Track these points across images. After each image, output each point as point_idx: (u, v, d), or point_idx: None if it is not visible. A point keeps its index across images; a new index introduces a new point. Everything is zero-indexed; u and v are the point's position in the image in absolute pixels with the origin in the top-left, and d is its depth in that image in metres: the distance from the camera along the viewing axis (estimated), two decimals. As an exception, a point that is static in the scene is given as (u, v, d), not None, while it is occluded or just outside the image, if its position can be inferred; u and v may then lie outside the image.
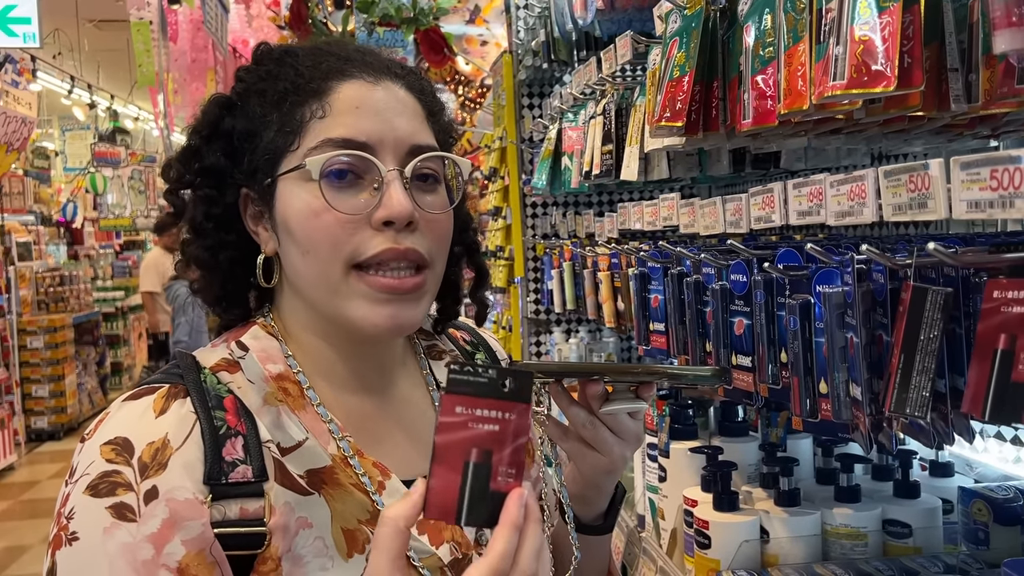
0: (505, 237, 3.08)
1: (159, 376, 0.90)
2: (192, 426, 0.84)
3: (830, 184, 0.96)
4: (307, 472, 0.88)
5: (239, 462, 0.84)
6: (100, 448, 0.82)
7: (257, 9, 7.67)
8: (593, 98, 2.00)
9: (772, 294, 1.13)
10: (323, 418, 0.92)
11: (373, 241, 0.88)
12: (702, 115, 1.31)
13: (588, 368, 0.97)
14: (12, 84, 8.03)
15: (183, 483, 0.81)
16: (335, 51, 0.96)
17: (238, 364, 0.92)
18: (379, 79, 0.93)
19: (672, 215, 1.51)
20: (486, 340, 1.19)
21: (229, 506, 0.83)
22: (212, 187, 0.95)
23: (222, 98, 0.97)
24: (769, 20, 1.14)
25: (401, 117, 0.91)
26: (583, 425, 0.97)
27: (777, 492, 1.46)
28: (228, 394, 0.89)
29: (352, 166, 0.88)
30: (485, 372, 0.67)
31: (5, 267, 8.11)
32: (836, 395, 0.95)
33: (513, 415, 0.67)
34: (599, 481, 1.06)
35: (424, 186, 0.92)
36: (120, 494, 0.79)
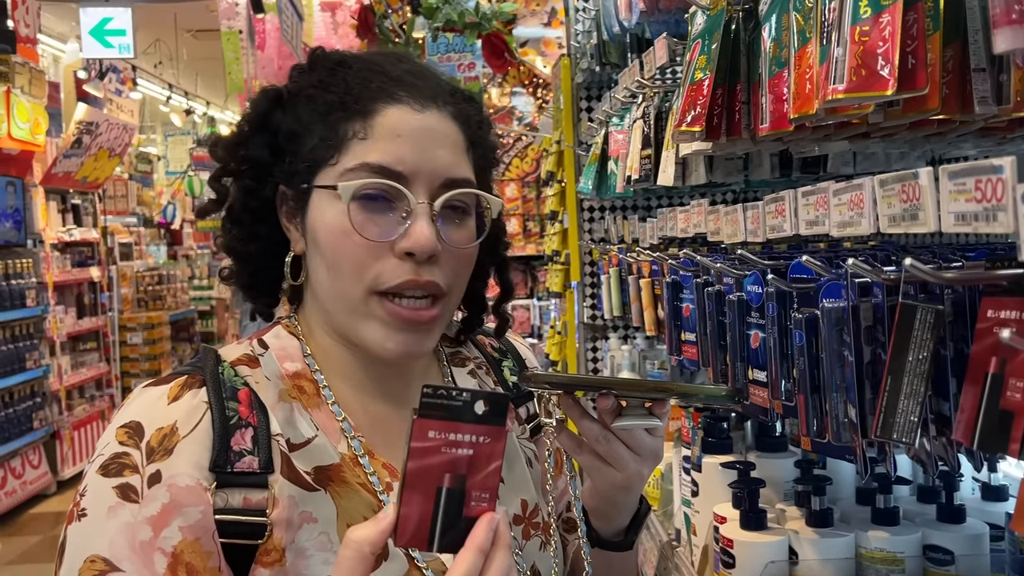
0: (562, 241, 3.05)
1: (183, 367, 0.93)
2: (203, 415, 0.87)
3: (833, 193, 0.91)
4: (315, 469, 0.89)
5: (246, 452, 0.86)
6: (116, 431, 0.85)
7: (342, 16, 7.86)
8: (636, 102, 1.96)
9: (785, 307, 1.08)
10: (336, 416, 0.94)
11: (394, 271, 0.89)
12: (724, 119, 1.27)
13: (597, 382, 0.94)
14: (115, 92, 8.47)
15: (186, 469, 0.83)
16: (387, 69, 0.96)
17: (257, 360, 0.94)
18: (425, 106, 0.93)
19: (702, 222, 1.46)
20: (515, 347, 1.19)
21: (233, 494, 0.85)
22: (253, 179, 0.97)
23: (273, 92, 0.98)
24: (784, 21, 1.09)
25: (440, 149, 0.92)
26: (597, 440, 0.95)
27: (809, 512, 1.39)
28: (244, 387, 0.91)
29: (383, 193, 0.90)
30: (459, 395, 0.66)
31: (108, 266, 8.54)
32: (835, 416, 0.90)
33: (487, 439, 0.66)
34: (615, 497, 1.03)
35: (453, 216, 0.93)
36: (127, 475, 0.82)
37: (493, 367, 1.13)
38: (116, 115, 7.86)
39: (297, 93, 0.96)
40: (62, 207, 7.59)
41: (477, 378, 1.09)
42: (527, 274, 6.88)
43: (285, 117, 0.96)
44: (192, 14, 9.10)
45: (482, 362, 1.12)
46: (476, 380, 1.09)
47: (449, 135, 0.94)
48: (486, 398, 0.66)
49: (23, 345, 6.69)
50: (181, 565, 0.81)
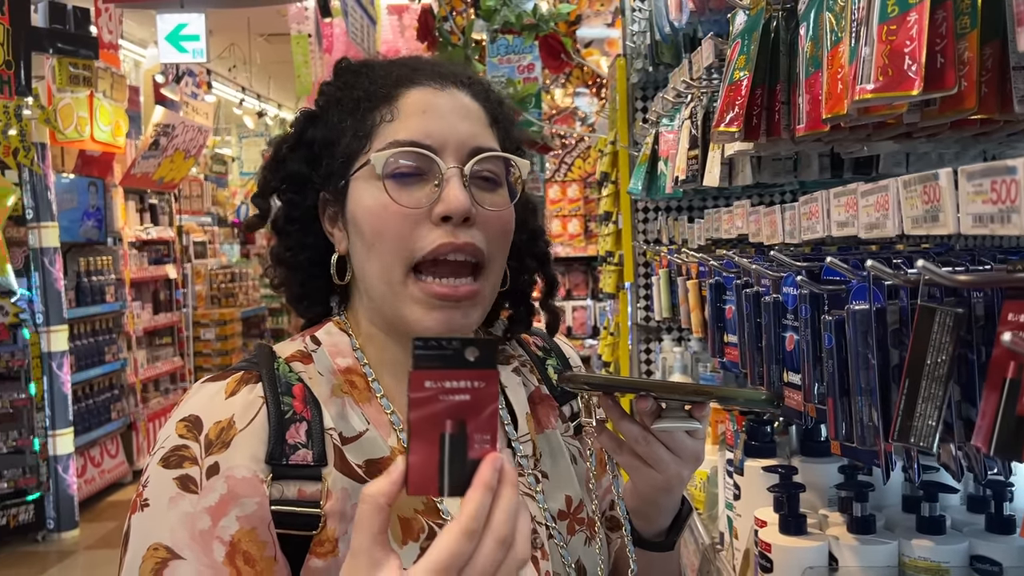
0: (615, 242, 3.05)
1: (240, 363, 0.96)
2: (259, 409, 0.90)
3: (861, 194, 0.90)
4: (366, 462, 0.92)
5: (300, 446, 0.89)
6: (176, 424, 0.89)
7: (409, 19, 7.98)
8: (685, 102, 1.95)
9: (819, 309, 1.07)
10: (386, 410, 0.96)
11: (431, 235, 0.92)
12: (764, 119, 1.26)
13: (636, 384, 0.95)
14: (191, 96, 8.75)
15: (243, 461, 0.87)
16: (407, 62, 1.02)
17: (311, 356, 0.98)
18: (445, 86, 0.98)
19: (744, 223, 1.45)
20: (559, 346, 1.20)
21: (288, 486, 0.88)
22: (294, 192, 1.02)
23: (308, 112, 1.04)
24: (822, 20, 1.07)
25: (464, 121, 0.96)
26: (636, 440, 0.96)
27: (850, 518, 1.37)
28: (298, 382, 0.94)
29: (415, 164, 0.94)
30: (449, 344, 0.68)
31: (183, 264, 8.83)
32: (860, 419, 0.89)
33: (482, 383, 0.68)
34: (656, 498, 1.03)
35: (485, 186, 0.96)
36: (186, 467, 0.86)
37: (537, 365, 1.14)
38: (192, 118, 8.12)
39: (327, 104, 1.02)
40: (140, 206, 7.87)
41: (521, 375, 1.11)
42: (588, 275, 6.87)
43: (318, 129, 1.01)
44: (265, 18, 9.34)
45: (526, 360, 1.14)
46: (520, 378, 1.10)
47: (472, 109, 0.99)
48: (476, 344, 0.68)
49: (103, 339, 6.97)
50: (238, 553, 0.85)
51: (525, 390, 1.09)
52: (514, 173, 1.01)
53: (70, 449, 6.09)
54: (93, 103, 6.38)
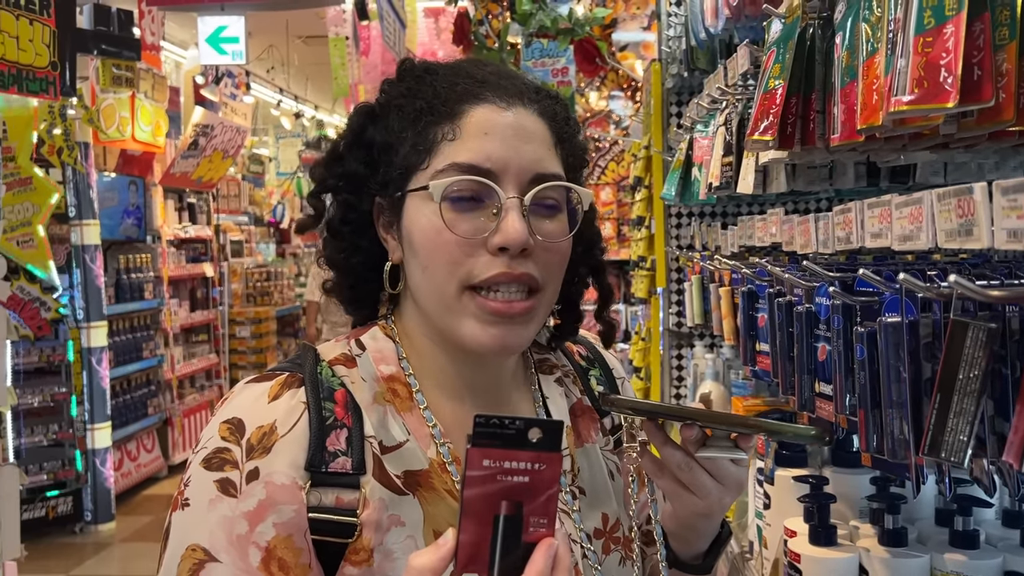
0: (648, 247, 3.04)
1: (284, 364, 0.96)
2: (300, 415, 0.89)
3: (895, 205, 0.90)
4: (404, 473, 0.91)
5: (340, 453, 0.89)
6: (219, 425, 0.89)
7: (445, 22, 8.02)
8: (720, 108, 1.95)
9: (851, 320, 1.07)
10: (428, 422, 0.95)
11: (487, 265, 0.90)
12: (799, 128, 1.25)
13: (682, 412, 0.92)
14: (230, 97, 8.88)
15: (283, 468, 0.86)
16: (473, 72, 0.98)
17: (355, 360, 0.97)
18: (511, 104, 0.95)
19: (778, 231, 1.45)
20: (603, 356, 1.18)
21: (326, 493, 0.87)
22: (350, 193, 1.00)
23: (366, 108, 1.02)
24: (857, 29, 1.07)
25: (528, 144, 0.93)
26: (679, 466, 0.93)
27: (882, 530, 1.36)
28: (340, 387, 0.93)
29: (473, 191, 0.91)
30: (512, 424, 0.65)
31: (219, 263, 8.96)
32: (890, 432, 0.88)
33: (543, 466, 0.65)
34: (695, 523, 1.01)
35: (544, 213, 0.93)
36: (227, 470, 0.86)
37: (580, 376, 1.12)
38: (230, 118, 8.24)
39: (387, 105, 0.99)
40: (179, 205, 8.00)
41: (564, 386, 1.09)
42: (620, 278, 6.85)
43: (378, 130, 0.98)
44: (303, 21, 9.45)
45: (569, 370, 1.12)
46: (563, 388, 1.08)
47: (536, 131, 0.95)
48: (540, 426, 0.65)
49: (140, 335, 7.09)
50: (274, 560, 0.85)
51: (567, 401, 1.08)
52: (575, 198, 0.98)
53: (108, 443, 6.21)
54: (135, 103, 6.51)
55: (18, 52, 4.44)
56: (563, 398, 1.07)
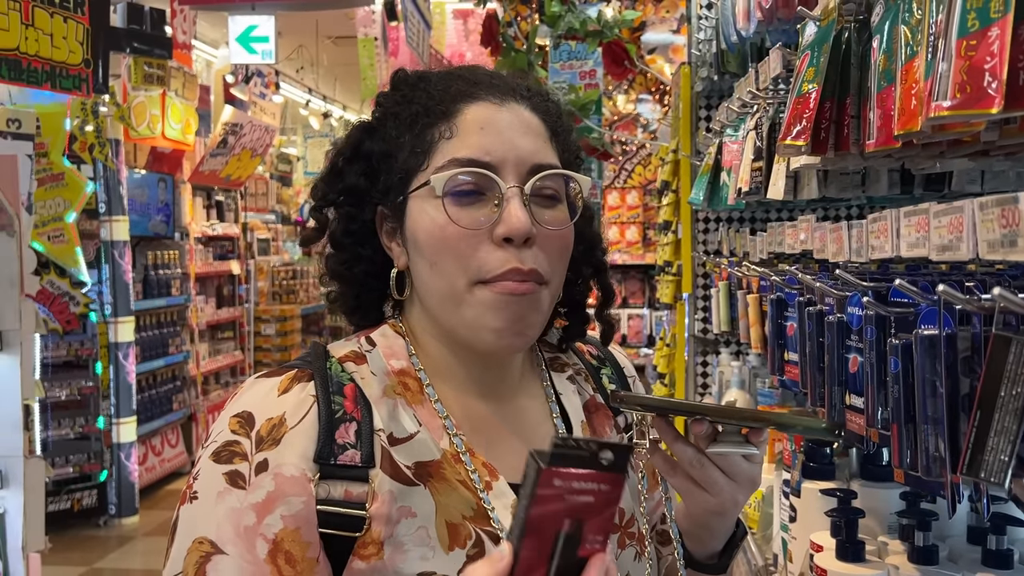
0: (674, 252, 3.01)
1: (294, 361, 0.96)
2: (310, 408, 0.90)
3: (934, 214, 0.87)
4: (415, 464, 0.91)
5: (349, 446, 0.89)
6: (229, 419, 0.90)
7: (474, 24, 8.02)
8: (750, 112, 1.92)
9: (885, 331, 1.04)
10: (439, 414, 0.95)
11: (495, 257, 0.91)
12: (832, 133, 1.22)
13: (691, 407, 0.92)
14: (259, 96, 8.94)
15: (292, 460, 0.87)
16: (465, 75, 1.00)
17: (364, 357, 0.97)
18: (504, 101, 0.96)
19: (808, 238, 1.42)
20: (613, 356, 1.18)
21: (335, 486, 0.87)
22: (352, 205, 1.01)
23: (364, 123, 1.03)
24: (896, 33, 1.04)
25: (524, 137, 0.95)
26: (691, 463, 0.93)
27: (911, 547, 1.32)
28: (350, 382, 0.93)
29: (475, 183, 0.92)
30: (587, 445, 0.65)
31: (246, 260, 9.02)
32: (925, 448, 0.85)
33: (608, 486, 0.66)
34: (709, 521, 1.00)
35: (545, 203, 0.94)
36: (236, 463, 0.87)
37: (592, 374, 1.12)
38: (259, 117, 8.29)
39: (384, 116, 1.00)
40: (207, 203, 8.06)
41: (576, 384, 1.09)
42: (645, 283, 6.81)
43: (376, 142, 0.99)
44: (332, 21, 9.49)
45: (581, 369, 1.12)
46: (575, 386, 1.09)
47: (531, 124, 0.97)
48: (613, 449, 0.65)
49: (167, 331, 7.15)
50: (280, 553, 0.85)
51: (580, 398, 1.08)
52: (574, 189, 0.99)
53: (133, 437, 6.27)
54: (165, 101, 6.56)
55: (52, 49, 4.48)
56: (576, 395, 1.07)
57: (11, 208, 4.09)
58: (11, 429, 3.96)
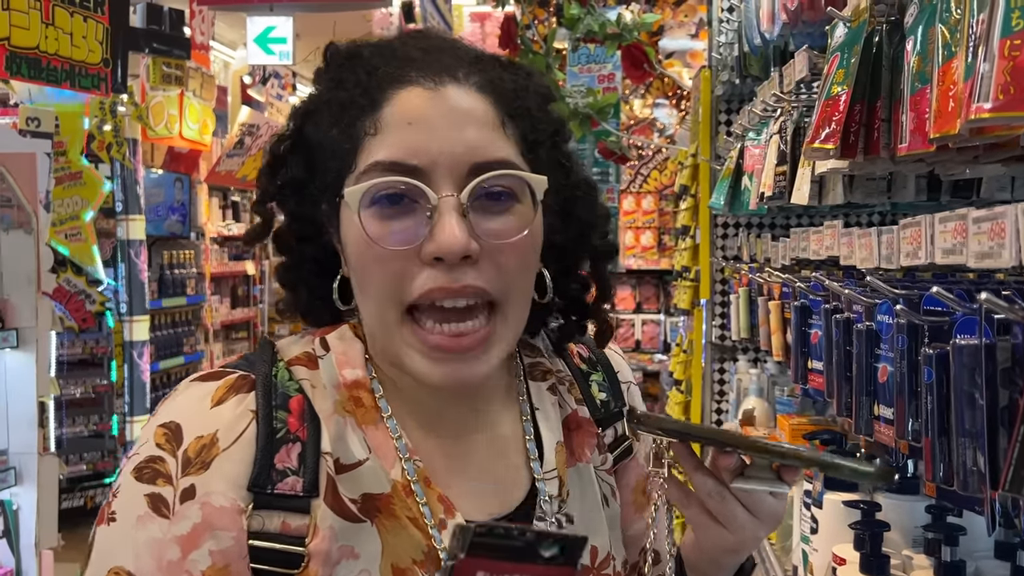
0: (692, 257, 2.98)
1: (238, 362, 0.85)
2: (246, 426, 0.79)
3: (972, 220, 0.84)
4: (362, 496, 0.80)
5: (290, 472, 0.78)
6: (156, 429, 0.79)
7: (491, 27, 8.02)
8: (774, 116, 1.89)
9: (917, 340, 1.01)
10: (393, 438, 0.83)
11: (421, 277, 0.78)
12: (862, 137, 1.19)
13: (721, 437, 0.80)
14: (276, 97, 8.97)
15: (222, 488, 0.77)
16: (399, 51, 0.84)
17: (317, 362, 0.85)
18: (440, 83, 0.80)
19: (835, 244, 1.39)
20: (606, 358, 1.03)
21: (271, 517, 0.77)
22: (296, 200, 0.88)
23: (302, 106, 0.89)
24: (931, 34, 1.01)
25: (463, 129, 0.79)
26: (710, 495, 0.82)
27: (938, 562, 1.29)
28: (297, 393, 0.82)
29: (399, 192, 0.78)
30: (520, 535, 0.53)
31: (261, 261, 9.04)
32: (962, 463, 0.83)
33: None
34: (720, 558, 0.89)
35: (492, 207, 0.79)
36: (159, 485, 0.77)
37: (579, 382, 0.98)
38: (276, 119, 8.31)
39: (319, 99, 0.86)
40: (223, 203, 8.09)
41: (557, 395, 0.94)
42: (660, 288, 6.77)
43: (313, 129, 0.86)
44: (350, 23, 9.48)
45: (565, 376, 0.97)
46: (556, 397, 0.94)
47: (474, 111, 0.80)
48: (559, 542, 0.53)
49: (182, 330, 7.17)
50: None
51: (560, 413, 0.93)
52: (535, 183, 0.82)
53: (146, 436, 6.28)
54: (183, 101, 6.59)
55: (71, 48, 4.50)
56: (555, 409, 0.93)
57: (29, 206, 4.10)
58: (26, 426, 3.97)
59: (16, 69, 4.00)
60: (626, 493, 0.99)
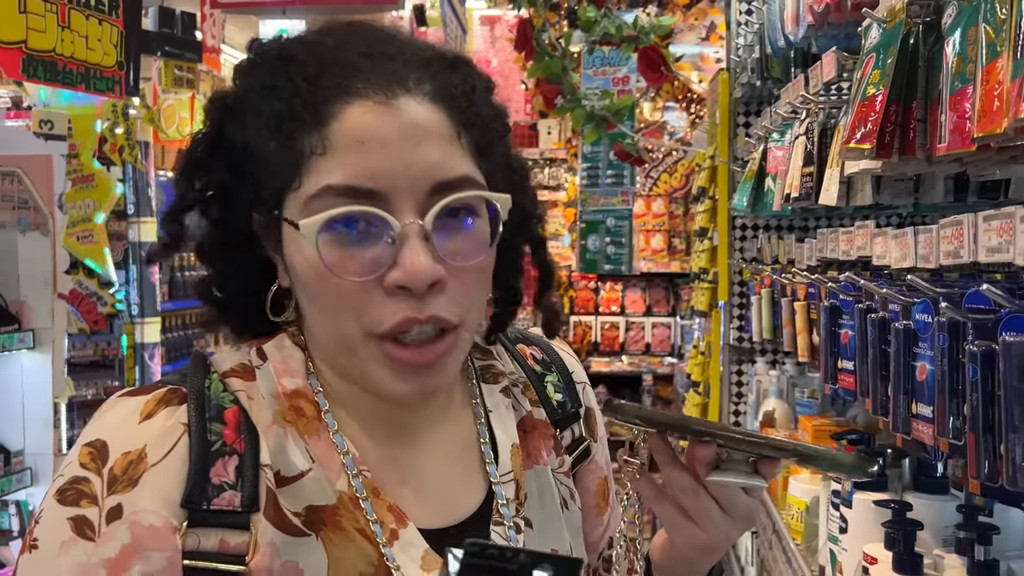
0: (710, 259, 2.98)
1: (169, 376, 0.81)
2: (177, 439, 0.75)
3: (1020, 219, 0.84)
4: (306, 509, 0.76)
5: (227, 486, 0.74)
6: (81, 449, 0.74)
7: (500, 31, 8.05)
8: (799, 117, 1.89)
9: (958, 339, 1.01)
10: (338, 448, 0.79)
11: (388, 308, 0.74)
12: (897, 137, 1.20)
13: (700, 427, 0.78)
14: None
15: (152, 505, 0.72)
16: (340, 57, 0.77)
17: (254, 372, 0.81)
18: (392, 95, 0.74)
19: (866, 244, 1.39)
20: (561, 358, 0.99)
21: (207, 535, 0.73)
22: (220, 207, 0.82)
23: (220, 99, 0.81)
24: (971, 34, 1.02)
25: (421, 146, 0.74)
26: (684, 491, 0.79)
27: (971, 561, 1.29)
28: (232, 404, 0.78)
29: (358, 218, 0.73)
30: (514, 557, 0.51)
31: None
32: (1012, 459, 0.83)
33: None
34: (694, 558, 0.86)
35: (454, 226, 0.75)
36: (84, 506, 0.72)
37: (534, 383, 0.95)
38: (285, 121, 8.33)
39: (243, 99, 0.79)
40: (233, 206, 8.11)
41: (511, 397, 0.92)
42: (669, 291, 6.77)
43: (237, 129, 0.79)
44: (359, 27, 9.53)
45: (519, 378, 0.94)
46: (510, 400, 0.91)
47: (430, 125, 0.75)
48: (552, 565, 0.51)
49: (191, 333, 7.17)
50: None
51: (515, 414, 0.91)
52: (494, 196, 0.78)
53: (157, 438, 6.30)
54: (194, 104, 6.61)
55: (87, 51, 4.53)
56: (510, 411, 0.90)
57: (46, 207, 4.13)
58: (42, 427, 4.00)
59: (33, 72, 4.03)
60: (586, 497, 0.97)
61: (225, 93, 0.81)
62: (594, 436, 0.98)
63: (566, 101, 3.35)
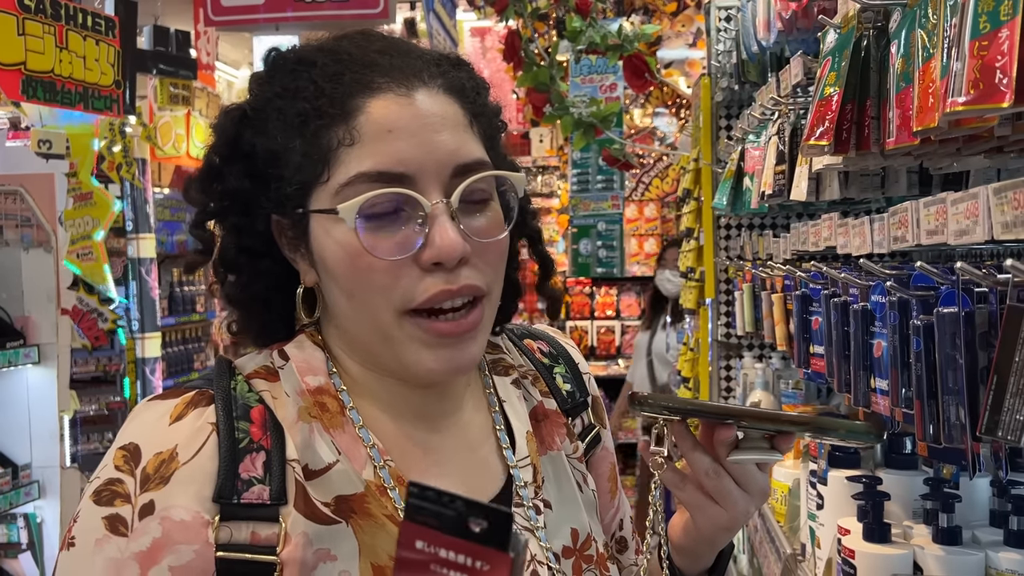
0: (696, 258, 3.08)
1: (195, 380, 0.85)
2: (207, 438, 0.78)
3: (951, 202, 0.94)
4: (335, 499, 0.80)
5: (256, 481, 0.78)
6: (115, 453, 0.78)
7: (491, 42, 8.16)
8: (772, 119, 1.99)
9: (907, 316, 1.10)
10: (364, 442, 0.83)
11: (423, 283, 0.79)
12: (853, 134, 1.30)
13: (720, 410, 0.85)
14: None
15: (184, 501, 0.76)
16: (358, 56, 0.83)
17: (277, 373, 0.85)
18: (412, 88, 0.81)
19: (831, 235, 1.49)
20: (567, 350, 1.05)
21: (239, 528, 0.76)
22: (240, 214, 0.86)
23: (235, 111, 0.86)
24: (912, 38, 1.12)
25: (441, 133, 0.80)
26: (706, 473, 0.85)
27: (936, 528, 1.38)
28: (258, 403, 0.82)
29: (391, 202, 0.79)
30: (450, 503, 0.52)
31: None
32: (947, 418, 0.92)
33: (486, 565, 0.52)
34: (715, 537, 0.92)
35: (475, 208, 0.82)
36: (117, 505, 0.76)
37: (543, 375, 1.00)
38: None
39: (263, 108, 0.84)
40: (230, 221, 8.18)
41: (522, 388, 0.97)
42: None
43: (257, 136, 0.83)
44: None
45: (528, 370, 0.99)
46: (521, 391, 0.96)
47: (447, 115, 0.81)
48: (484, 512, 0.52)
49: (191, 347, 7.26)
50: None
51: (527, 404, 0.96)
52: (504, 183, 0.86)
53: (160, 451, 6.36)
54: (190, 121, 6.71)
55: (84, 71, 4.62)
56: (521, 401, 0.95)
57: (48, 225, 4.21)
58: (49, 440, 4.07)
59: (32, 92, 4.12)
60: (600, 483, 1.01)
61: (239, 104, 0.86)
62: (602, 423, 1.04)
63: (554, 109, 3.45)
